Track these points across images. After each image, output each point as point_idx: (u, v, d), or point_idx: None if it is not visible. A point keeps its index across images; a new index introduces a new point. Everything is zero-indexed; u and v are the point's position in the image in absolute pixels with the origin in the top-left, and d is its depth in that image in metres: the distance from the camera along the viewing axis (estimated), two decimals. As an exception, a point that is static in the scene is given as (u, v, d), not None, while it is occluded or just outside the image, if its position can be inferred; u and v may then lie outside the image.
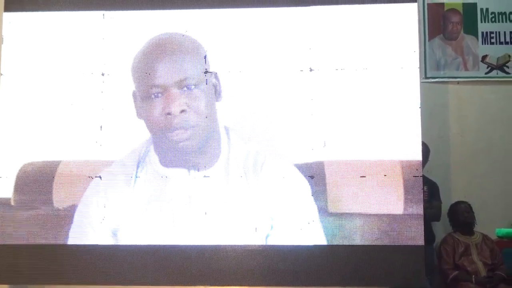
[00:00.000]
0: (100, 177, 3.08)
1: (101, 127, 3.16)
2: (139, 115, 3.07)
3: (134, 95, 3.10)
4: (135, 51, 3.12)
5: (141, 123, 3.07)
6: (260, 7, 3.18)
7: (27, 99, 3.21)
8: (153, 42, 3.11)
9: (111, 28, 3.23)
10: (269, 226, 2.97)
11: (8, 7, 3.31)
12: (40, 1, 3.29)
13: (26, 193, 3.12)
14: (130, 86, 3.11)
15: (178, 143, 2.98)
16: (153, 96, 2.98)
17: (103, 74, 3.19)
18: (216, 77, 3.09)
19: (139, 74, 3.06)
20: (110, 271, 3.04)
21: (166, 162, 3.06)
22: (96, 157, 3.12)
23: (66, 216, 3.07)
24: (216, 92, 3.08)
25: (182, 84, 2.98)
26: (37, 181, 3.12)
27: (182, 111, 2.95)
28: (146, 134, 3.08)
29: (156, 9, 3.22)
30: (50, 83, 3.22)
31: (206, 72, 3.07)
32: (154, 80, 3.00)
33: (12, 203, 3.14)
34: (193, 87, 2.99)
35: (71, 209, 3.07)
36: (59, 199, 3.10)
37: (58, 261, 3.06)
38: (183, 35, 3.14)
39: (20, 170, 3.15)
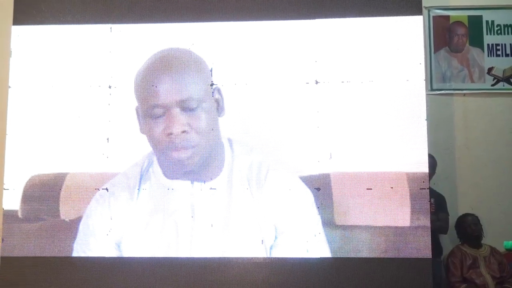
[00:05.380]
0: (107, 189, 3.09)
1: (108, 139, 3.17)
2: (142, 131, 3.08)
3: (137, 110, 3.10)
4: (141, 64, 3.13)
5: (145, 137, 3.09)
6: (266, 20, 3.20)
7: (35, 111, 3.24)
8: (155, 59, 3.11)
9: (118, 41, 3.26)
10: (273, 237, 2.97)
11: (17, 21, 3.34)
12: (48, 15, 3.33)
13: (34, 205, 3.13)
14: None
15: (180, 161, 2.98)
16: (155, 115, 2.99)
17: (110, 87, 3.21)
18: (219, 92, 3.10)
19: (142, 92, 3.07)
20: (114, 284, 3.03)
21: (169, 174, 3.06)
22: (103, 169, 3.13)
23: (72, 228, 3.07)
24: (219, 107, 3.08)
25: (184, 105, 2.97)
26: (44, 193, 3.13)
27: (183, 131, 2.95)
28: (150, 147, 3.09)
29: (163, 22, 3.24)
30: (58, 96, 3.24)
31: (212, 84, 3.08)
32: (156, 100, 3.00)
33: (19, 215, 3.15)
34: (195, 106, 2.99)
35: (78, 221, 3.08)
36: (66, 211, 3.11)
37: (63, 273, 3.06)
38: (188, 50, 3.16)
39: (27, 182, 3.17)
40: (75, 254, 3.06)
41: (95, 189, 3.10)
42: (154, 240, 3.01)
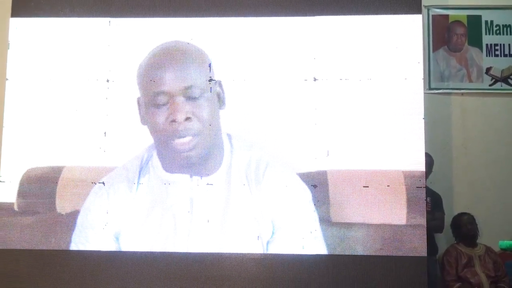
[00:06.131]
0: (103, 183, 3.09)
1: (105, 133, 3.17)
2: (143, 121, 3.08)
3: (138, 101, 3.10)
4: (140, 58, 3.13)
5: (145, 129, 3.08)
6: (265, 16, 3.20)
7: (32, 104, 3.23)
8: (159, 50, 3.12)
9: (116, 35, 3.25)
10: (270, 233, 2.97)
11: (15, 13, 3.33)
12: (46, 8, 3.31)
13: (30, 198, 3.13)
14: (134, 92, 3.12)
15: (182, 153, 2.99)
16: (158, 103, 2.99)
17: (108, 81, 3.21)
18: (220, 85, 3.10)
19: (145, 81, 3.07)
20: (112, 277, 3.03)
21: (169, 167, 3.06)
22: (99, 163, 3.13)
23: (68, 222, 3.07)
24: (220, 100, 3.09)
25: (187, 92, 2.98)
26: (40, 186, 3.12)
27: (187, 118, 2.95)
28: (150, 140, 3.08)
29: (162, 17, 3.24)
30: (55, 89, 3.24)
31: (210, 80, 3.08)
32: (160, 87, 3.01)
33: (15, 208, 3.14)
34: (198, 95, 3.00)
35: (74, 215, 3.07)
36: (62, 204, 3.10)
37: (60, 266, 3.06)
38: (188, 43, 3.16)
39: (24, 175, 3.16)
40: (73, 247, 3.05)
41: (92, 182, 3.10)
42: (152, 233, 3.01)
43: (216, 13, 3.22)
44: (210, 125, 3.00)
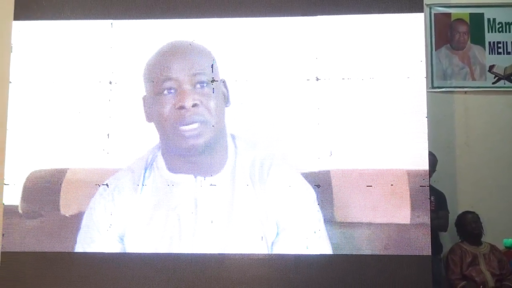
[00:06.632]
0: (107, 185, 3.09)
1: (108, 135, 3.17)
2: (149, 117, 3.09)
3: (144, 99, 3.12)
4: (142, 59, 3.15)
5: (149, 130, 3.09)
6: (267, 16, 3.20)
7: (35, 107, 3.24)
8: (165, 47, 3.15)
9: (119, 37, 3.25)
10: (275, 233, 2.97)
11: (18, 16, 3.34)
12: (49, 10, 3.32)
13: (34, 200, 3.13)
14: (137, 94, 3.13)
15: (188, 139, 2.99)
16: (165, 91, 3.01)
17: (110, 83, 3.21)
18: (224, 85, 3.11)
19: (152, 74, 3.09)
20: (116, 279, 3.04)
21: (173, 167, 3.06)
22: (103, 165, 3.13)
23: (73, 224, 3.08)
24: (225, 98, 3.11)
25: (195, 80, 3.01)
26: (44, 189, 3.13)
27: (195, 105, 2.97)
28: (154, 141, 3.09)
29: (164, 18, 3.24)
30: (58, 91, 3.24)
31: (212, 81, 3.08)
32: (168, 74, 3.03)
33: (20, 211, 3.15)
34: (205, 84, 3.03)
35: (78, 217, 3.08)
36: (66, 206, 3.11)
37: (64, 268, 3.07)
38: (190, 44, 3.17)
39: (27, 178, 3.17)
40: (78, 248, 3.06)
41: (96, 184, 3.10)
42: (157, 234, 3.02)
43: (217, 14, 3.22)
44: (216, 116, 3.02)
